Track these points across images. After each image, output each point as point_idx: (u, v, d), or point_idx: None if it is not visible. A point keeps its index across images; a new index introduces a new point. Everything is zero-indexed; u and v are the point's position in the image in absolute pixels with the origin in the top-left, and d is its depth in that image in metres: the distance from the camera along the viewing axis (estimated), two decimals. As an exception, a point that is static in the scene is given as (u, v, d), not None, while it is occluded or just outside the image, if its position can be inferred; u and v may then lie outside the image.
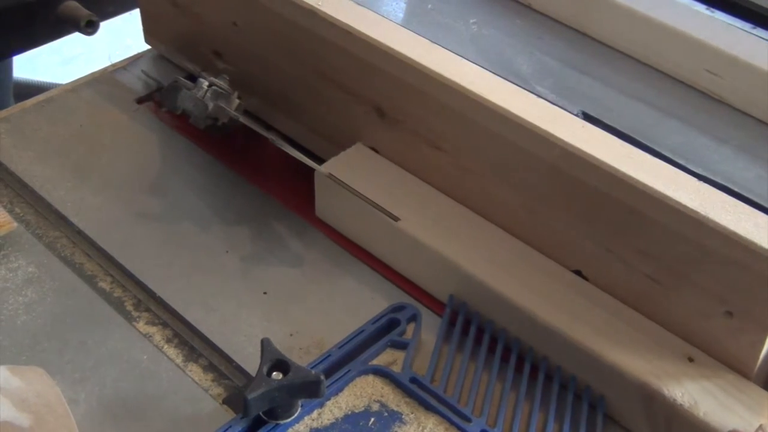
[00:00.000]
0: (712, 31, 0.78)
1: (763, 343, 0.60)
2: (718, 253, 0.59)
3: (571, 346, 0.63)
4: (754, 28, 0.79)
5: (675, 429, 0.60)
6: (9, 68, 1.36)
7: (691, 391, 0.60)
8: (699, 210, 0.59)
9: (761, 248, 0.57)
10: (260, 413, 0.60)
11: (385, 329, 0.67)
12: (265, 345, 0.61)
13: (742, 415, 0.58)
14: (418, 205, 0.73)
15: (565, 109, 0.68)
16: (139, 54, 0.96)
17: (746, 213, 0.59)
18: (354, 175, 0.74)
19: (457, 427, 0.61)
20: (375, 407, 0.62)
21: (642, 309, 0.65)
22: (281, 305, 0.71)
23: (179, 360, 0.66)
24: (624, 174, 0.61)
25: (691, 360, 0.62)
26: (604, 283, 0.67)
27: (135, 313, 0.70)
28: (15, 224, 0.73)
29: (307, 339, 0.68)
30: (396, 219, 0.71)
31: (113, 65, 0.94)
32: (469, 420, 0.61)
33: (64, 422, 0.61)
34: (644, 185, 0.61)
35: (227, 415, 0.62)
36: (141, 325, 0.69)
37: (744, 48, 0.76)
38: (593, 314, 0.65)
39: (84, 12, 0.95)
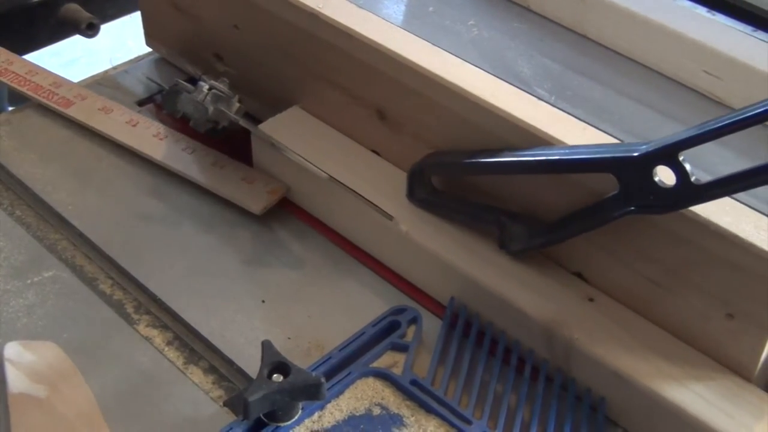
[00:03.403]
0: (712, 32, 0.78)
1: (764, 345, 0.60)
2: (718, 255, 0.59)
3: (571, 349, 0.63)
4: (754, 30, 0.79)
5: None
6: None
7: (693, 395, 0.60)
8: (699, 212, 0.59)
9: (761, 250, 0.57)
10: (261, 415, 0.60)
11: (386, 332, 0.67)
12: (266, 347, 0.61)
13: (741, 418, 0.58)
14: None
15: (566, 112, 0.68)
16: (140, 56, 0.96)
17: (746, 215, 0.59)
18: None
19: (458, 429, 0.61)
20: (376, 410, 0.62)
21: (643, 311, 0.65)
22: (282, 307, 0.71)
23: (180, 362, 0.66)
24: (624, 176, 0.61)
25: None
26: (604, 286, 0.67)
27: (135, 316, 0.70)
28: (285, 186, 0.78)
29: (308, 341, 0.68)
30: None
31: (114, 68, 0.94)
32: (469, 422, 0.61)
33: (81, 392, 0.62)
34: (645, 187, 0.61)
35: (228, 417, 0.62)
36: (141, 328, 0.69)
37: (743, 50, 0.76)
38: (593, 316, 0.65)
39: (85, 14, 0.95)
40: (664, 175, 0.58)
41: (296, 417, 0.61)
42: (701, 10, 0.81)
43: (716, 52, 0.76)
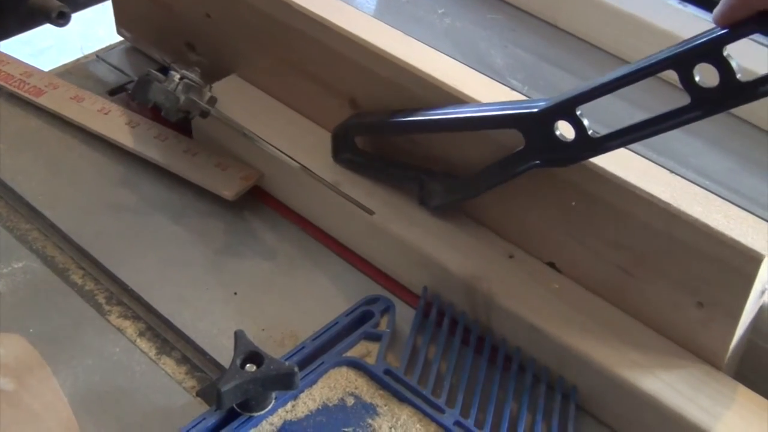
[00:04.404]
0: (682, 23, 0.78)
1: (733, 334, 0.60)
2: (689, 244, 0.59)
3: (543, 338, 0.64)
4: (725, 21, 0.80)
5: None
6: None
7: (661, 382, 0.60)
8: (670, 201, 0.59)
9: (731, 239, 0.57)
10: (234, 405, 0.60)
11: (359, 321, 0.68)
12: (239, 337, 0.60)
13: (708, 407, 0.59)
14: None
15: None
16: (111, 45, 0.95)
17: (716, 205, 0.60)
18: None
19: (431, 418, 0.61)
20: (349, 399, 0.62)
21: (614, 300, 0.66)
22: (255, 297, 0.70)
23: (152, 353, 0.66)
24: (597, 166, 0.62)
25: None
26: (577, 275, 0.67)
27: (107, 307, 0.69)
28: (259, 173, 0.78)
29: (281, 331, 0.68)
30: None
31: (85, 56, 0.93)
32: (442, 411, 0.61)
33: (48, 384, 0.61)
34: (617, 177, 0.61)
35: (201, 407, 0.62)
36: (113, 318, 0.68)
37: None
38: (566, 307, 0.65)
39: (55, 3, 0.94)
40: (565, 129, 0.61)
41: (269, 407, 0.61)
42: (672, 1, 0.82)
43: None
